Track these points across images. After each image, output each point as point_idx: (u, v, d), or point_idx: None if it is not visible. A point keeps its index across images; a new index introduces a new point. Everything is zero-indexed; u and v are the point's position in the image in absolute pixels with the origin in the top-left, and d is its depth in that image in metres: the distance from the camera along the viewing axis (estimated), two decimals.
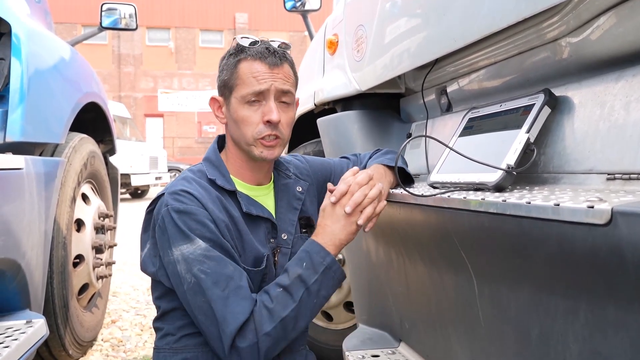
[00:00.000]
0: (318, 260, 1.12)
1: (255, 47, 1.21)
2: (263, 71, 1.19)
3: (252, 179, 1.28)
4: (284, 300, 1.09)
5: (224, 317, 1.07)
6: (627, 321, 0.67)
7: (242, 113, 1.20)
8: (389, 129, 1.74)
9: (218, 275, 1.09)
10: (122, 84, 24.90)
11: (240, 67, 1.20)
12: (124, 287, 3.91)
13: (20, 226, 1.58)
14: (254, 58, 1.20)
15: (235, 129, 1.22)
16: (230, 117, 1.24)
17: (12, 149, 1.71)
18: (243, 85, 1.19)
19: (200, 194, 1.16)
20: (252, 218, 1.23)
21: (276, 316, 1.08)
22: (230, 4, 25.78)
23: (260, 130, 1.20)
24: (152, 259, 1.20)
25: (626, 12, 0.85)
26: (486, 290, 1.00)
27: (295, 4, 2.81)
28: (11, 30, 1.80)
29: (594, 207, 0.65)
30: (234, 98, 1.21)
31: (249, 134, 1.20)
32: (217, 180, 1.21)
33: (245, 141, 1.21)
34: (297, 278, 1.11)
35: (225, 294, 1.08)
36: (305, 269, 1.12)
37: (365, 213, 1.15)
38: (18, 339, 1.42)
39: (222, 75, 1.24)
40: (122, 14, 3.10)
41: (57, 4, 21.23)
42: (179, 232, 1.11)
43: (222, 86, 1.25)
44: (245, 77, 1.19)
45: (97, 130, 2.77)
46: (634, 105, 0.82)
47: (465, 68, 1.34)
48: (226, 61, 1.24)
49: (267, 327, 1.07)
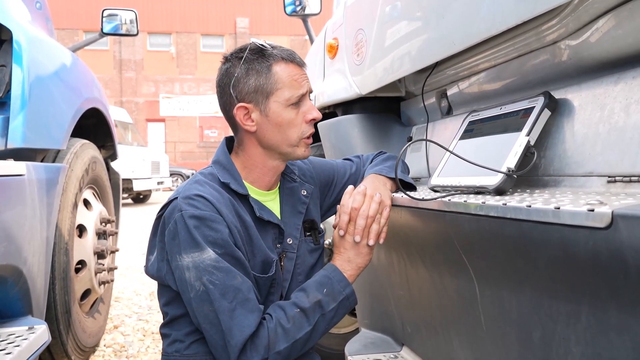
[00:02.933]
0: (339, 289, 1.17)
1: (277, 50, 1.21)
2: (300, 73, 1.21)
3: (266, 184, 1.27)
4: (300, 322, 1.12)
5: (229, 329, 1.07)
6: (629, 324, 0.67)
7: (287, 116, 1.19)
8: (389, 133, 1.74)
9: (226, 287, 1.09)
10: (123, 89, 24.97)
11: (276, 70, 1.18)
12: (127, 292, 3.91)
13: (22, 232, 1.58)
14: (286, 61, 1.20)
15: (276, 133, 1.20)
16: (267, 122, 1.19)
17: (14, 155, 1.72)
18: (285, 89, 1.18)
19: (215, 197, 1.14)
20: (262, 223, 1.23)
21: (291, 337, 1.11)
22: (231, 9, 25.86)
23: (304, 130, 1.22)
24: (159, 263, 1.18)
25: (625, 14, 0.85)
26: (488, 293, 1.00)
27: (295, 8, 2.82)
28: (12, 37, 1.81)
29: (594, 211, 0.64)
30: (273, 102, 1.18)
31: (294, 136, 1.21)
32: (231, 184, 1.19)
33: (289, 143, 1.21)
34: (316, 303, 1.14)
35: (232, 305, 1.08)
36: (325, 295, 1.15)
37: (372, 232, 1.20)
38: (20, 345, 1.41)
39: (250, 81, 1.18)
40: (123, 20, 3.11)
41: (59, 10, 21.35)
42: (190, 239, 1.10)
43: (252, 92, 1.18)
44: (286, 80, 1.18)
45: (98, 136, 2.77)
46: (634, 108, 0.82)
47: (465, 71, 1.34)
48: (248, 66, 1.18)
49: (281, 346, 1.09)
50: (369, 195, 1.21)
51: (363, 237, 1.19)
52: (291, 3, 2.83)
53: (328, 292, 1.15)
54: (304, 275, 1.29)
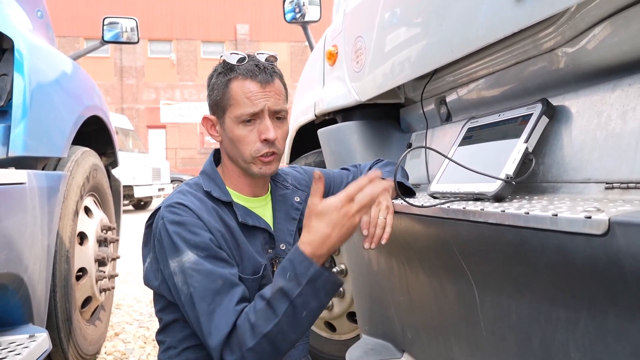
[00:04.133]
0: (301, 270, 1.03)
1: (244, 64, 1.20)
2: (255, 91, 1.18)
3: (249, 191, 1.29)
4: (265, 314, 1.03)
5: (209, 331, 1.07)
6: (627, 330, 0.67)
7: (238, 132, 1.20)
8: (389, 139, 1.75)
9: (206, 290, 1.09)
10: (124, 96, 25.02)
11: (232, 87, 1.19)
12: (127, 299, 3.91)
13: (23, 240, 1.58)
14: (244, 77, 1.19)
15: (232, 147, 1.22)
16: (225, 136, 1.23)
17: (15, 164, 1.72)
18: (237, 106, 1.19)
19: (195, 205, 1.17)
20: (248, 229, 1.24)
21: (258, 331, 1.03)
22: (231, 15, 25.95)
23: (258, 148, 1.20)
24: (154, 272, 1.21)
25: (621, 22, 0.85)
26: (487, 299, 1.00)
27: (295, 16, 2.83)
28: (14, 45, 1.82)
29: (591, 218, 0.65)
30: (228, 118, 1.21)
31: (246, 153, 1.20)
32: (213, 192, 1.22)
33: (243, 159, 1.22)
34: (279, 291, 1.03)
35: (211, 308, 1.08)
36: (287, 280, 1.03)
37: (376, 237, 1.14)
38: (21, 353, 1.42)
39: (213, 95, 1.24)
40: (123, 28, 3.13)
41: (60, 18, 21.43)
42: (172, 244, 1.13)
43: (214, 105, 1.24)
44: (238, 97, 1.18)
45: (99, 143, 2.78)
46: (631, 114, 0.82)
47: (464, 78, 1.35)
48: (215, 80, 1.23)
49: (250, 343, 1.03)
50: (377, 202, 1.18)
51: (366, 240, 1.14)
52: (291, 10, 2.84)
53: (291, 277, 1.03)
54: None
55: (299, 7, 2.81)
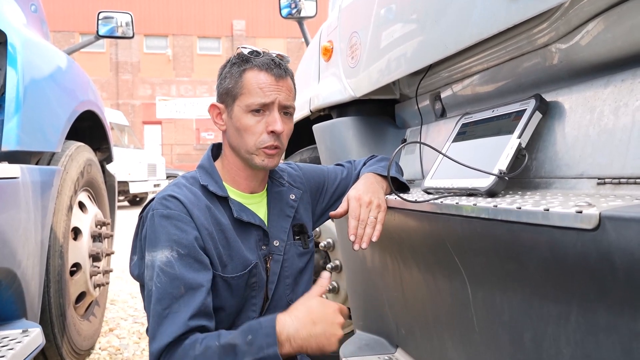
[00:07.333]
0: (261, 343, 1.03)
1: (260, 57, 1.23)
2: (269, 83, 1.20)
3: (247, 186, 1.28)
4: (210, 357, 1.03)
5: (154, 335, 1.07)
6: (617, 325, 0.68)
7: (245, 121, 1.20)
8: (384, 135, 1.75)
9: (164, 293, 1.08)
10: (120, 91, 24.93)
11: (246, 76, 1.21)
12: (122, 294, 3.90)
13: (16, 235, 1.58)
14: (259, 69, 1.21)
15: (237, 136, 1.23)
16: (231, 125, 1.24)
17: (8, 158, 1.72)
18: (248, 95, 1.20)
19: (189, 199, 1.17)
20: (242, 225, 1.24)
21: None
22: (227, 11, 25.86)
23: (263, 139, 1.21)
24: (139, 262, 1.21)
25: (614, 18, 0.86)
26: (480, 294, 1.00)
27: (291, 11, 2.83)
28: (7, 39, 1.81)
29: (582, 212, 0.65)
30: (237, 106, 1.22)
31: (251, 143, 1.21)
32: (209, 186, 1.22)
33: (246, 149, 1.22)
34: (231, 346, 1.03)
35: (165, 313, 1.07)
36: (246, 343, 1.03)
37: (366, 236, 1.19)
38: (14, 348, 1.41)
39: (224, 83, 1.24)
40: (118, 23, 3.11)
41: (54, 12, 21.32)
42: (154, 237, 1.13)
43: (224, 94, 1.25)
44: (251, 87, 1.20)
45: (93, 138, 2.77)
46: (623, 110, 0.83)
47: (459, 74, 1.35)
48: (229, 69, 1.24)
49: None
50: (366, 202, 1.22)
51: (356, 242, 1.19)
52: (287, 6, 2.83)
53: (250, 342, 1.03)
54: (292, 278, 1.30)
55: (295, 2, 2.80)
